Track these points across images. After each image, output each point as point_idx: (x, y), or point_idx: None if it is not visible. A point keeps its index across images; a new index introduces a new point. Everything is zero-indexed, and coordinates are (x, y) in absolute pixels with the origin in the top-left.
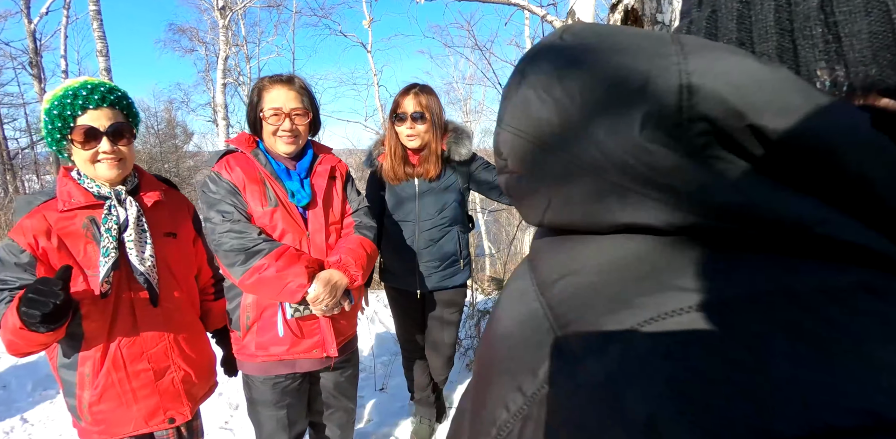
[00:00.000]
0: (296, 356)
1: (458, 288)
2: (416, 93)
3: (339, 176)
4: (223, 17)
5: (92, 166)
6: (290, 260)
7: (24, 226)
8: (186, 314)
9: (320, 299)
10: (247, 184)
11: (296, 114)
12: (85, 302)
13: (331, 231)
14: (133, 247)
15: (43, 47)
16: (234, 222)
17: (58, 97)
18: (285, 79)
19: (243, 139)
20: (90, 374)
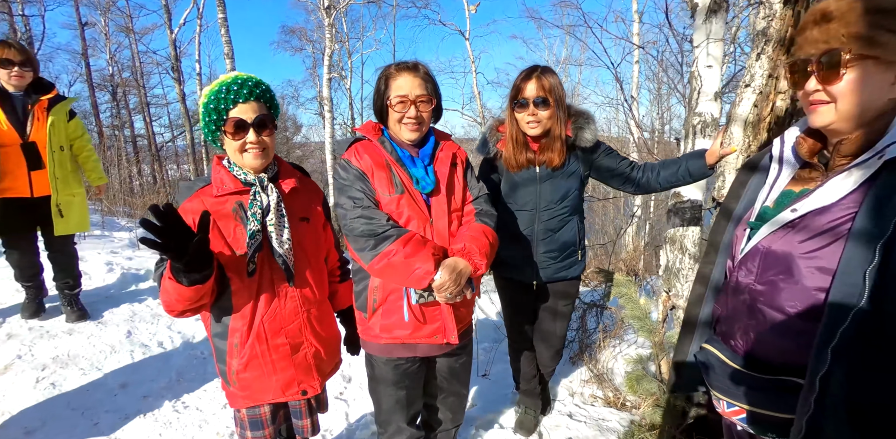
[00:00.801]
0: (417, 340)
1: (574, 280)
2: (538, 76)
3: (460, 162)
4: (328, 16)
5: (240, 155)
6: (417, 246)
7: (185, 208)
8: (318, 294)
9: (445, 286)
10: (374, 170)
11: (420, 101)
12: (234, 279)
13: (453, 218)
14: (273, 231)
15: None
16: (364, 208)
17: (213, 92)
18: (411, 65)
19: (370, 127)
20: (238, 345)
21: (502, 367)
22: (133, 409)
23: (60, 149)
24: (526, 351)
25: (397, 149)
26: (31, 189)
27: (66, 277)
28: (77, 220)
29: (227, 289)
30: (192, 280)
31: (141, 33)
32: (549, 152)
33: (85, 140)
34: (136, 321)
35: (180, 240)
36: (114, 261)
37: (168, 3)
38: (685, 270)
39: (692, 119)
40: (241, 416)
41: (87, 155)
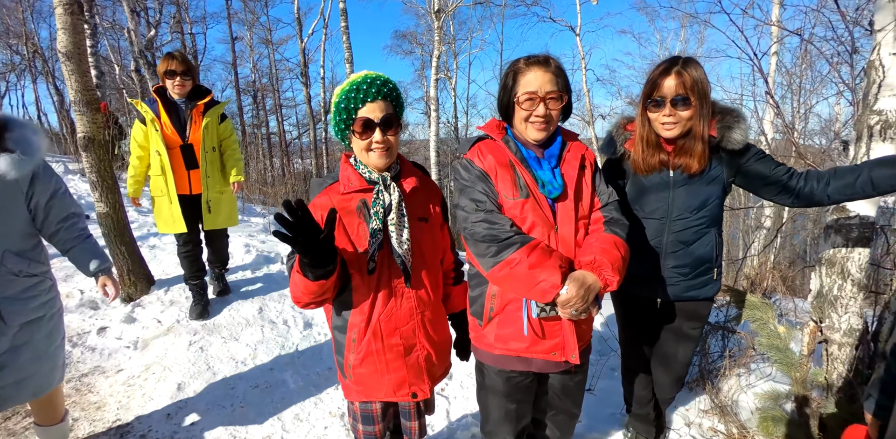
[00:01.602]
0: (534, 355)
1: (706, 301)
2: (678, 71)
3: (589, 165)
4: (437, 19)
5: (366, 154)
6: (542, 256)
7: (315, 204)
8: (433, 296)
9: (572, 302)
10: (498, 171)
11: (550, 98)
12: (355, 276)
13: (580, 226)
14: (394, 231)
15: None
16: (487, 212)
17: (344, 91)
18: (542, 59)
19: (493, 125)
20: (355, 340)
21: (609, 384)
22: (261, 380)
23: (212, 150)
24: (641, 374)
25: (522, 149)
26: (189, 186)
27: (217, 262)
28: (225, 216)
29: (348, 284)
30: (316, 275)
31: (277, 44)
32: (687, 156)
33: (232, 140)
34: (266, 299)
35: (308, 236)
36: (250, 244)
37: (300, 17)
38: (845, 299)
39: (868, 118)
40: (354, 408)
41: (231, 153)
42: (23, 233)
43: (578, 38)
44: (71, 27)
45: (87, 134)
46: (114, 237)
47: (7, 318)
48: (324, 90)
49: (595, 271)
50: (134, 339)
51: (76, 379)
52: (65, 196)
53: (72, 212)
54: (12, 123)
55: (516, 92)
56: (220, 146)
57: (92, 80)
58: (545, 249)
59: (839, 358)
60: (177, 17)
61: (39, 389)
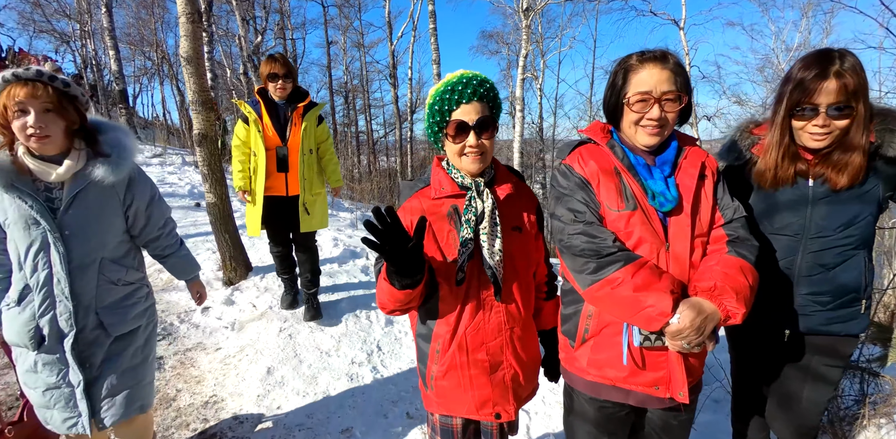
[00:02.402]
0: (632, 386)
1: (850, 337)
2: (838, 72)
3: (710, 174)
4: (525, 18)
5: (459, 158)
6: (650, 278)
7: (405, 208)
8: (523, 311)
9: (684, 334)
10: (601, 179)
11: (666, 100)
12: (443, 285)
13: (696, 244)
14: (486, 240)
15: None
16: (587, 224)
17: (438, 92)
18: (658, 55)
19: (597, 128)
20: (440, 351)
21: (713, 418)
22: (342, 372)
23: (310, 152)
24: (757, 417)
25: (630, 155)
26: (286, 188)
27: (306, 272)
28: (319, 218)
29: (436, 292)
30: (403, 284)
31: (368, 47)
32: (835, 169)
33: (329, 143)
34: (351, 292)
35: (396, 244)
36: (338, 238)
37: (391, 20)
38: None
39: None
40: (434, 420)
41: (330, 157)
42: (119, 240)
43: (682, 32)
44: (191, 34)
45: (202, 131)
46: (220, 225)
47: (109, 329)
48: (411, 91)
49: (715, 300)
50: (232, 321)
51: (181, 353)
52: (161, 201)
53: (168, 216)
54: (104, 126)
55: (626, 92)
56: (318, 149)
57: (208, 82)
58: (654, 269)
59: None
60: (280, 24)
61: (144, 402)
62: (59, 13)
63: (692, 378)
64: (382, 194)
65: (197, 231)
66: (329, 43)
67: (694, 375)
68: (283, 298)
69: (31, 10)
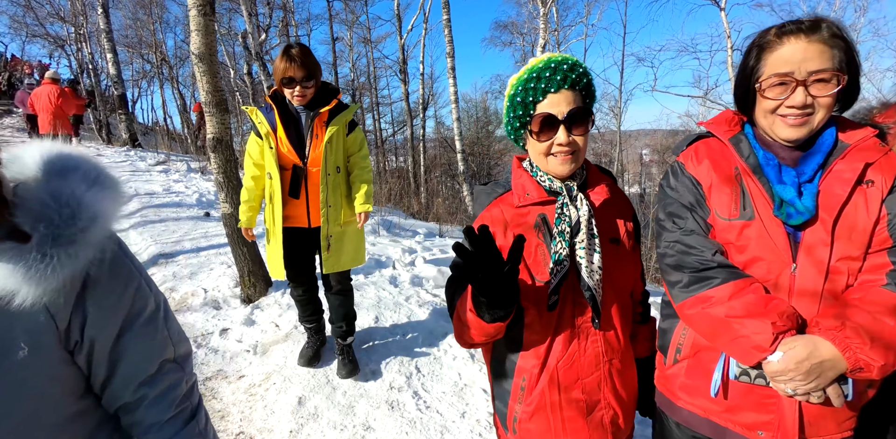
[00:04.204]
0: (728, 424)
1: None
2: None
3: (880, 180)
4: (543, 6)
5: (545, 159)
6: (753, 302)
7: (485, 219)
8: (622, 339)
9: (786, 377)
10: (714, 182)
11: (817, 81)
12: (530, 310)
13: (838, 270)
14: (583, 256)
15: (408, 56)
16: (685, 233)
17: (521, 81)
18: (806, 25)
19: (724, 119)
20: (525, 388)
21: None
22: (382, 399)
23: (336, 171)
24: None
25: (759, 152)
26: (308, 218)
27: (339, 320)
28: (351, 255)
29: (520, 319)
30: (495, 317)
31: (376, 42)
32: None
33: (362, 156)
34: (381, 308)
35: (490, 270)
36: None
37: (399, 13)
38: None
39: None
40: None
41: (359, 173)
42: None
43: (723, 12)
44: (203, 28)
45: (216, 134)
46: (237, 238)
47: None
48: (423, 86)
49: (839, 343)
50: (254, 343)
51: (200, 382)
52: (156, 325)
53: (166, 358)
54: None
55: (760, 74)
56: (348, 164)
57: (220, 81)
58: (760, 294)
59: None
60: (284, 21)
61: None
62: (53, 16)
63: (824, 435)
64: (395, 196)
65: (209, 243)
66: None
67: (826, 431)
68: (304, 352)
69: (23, 14)
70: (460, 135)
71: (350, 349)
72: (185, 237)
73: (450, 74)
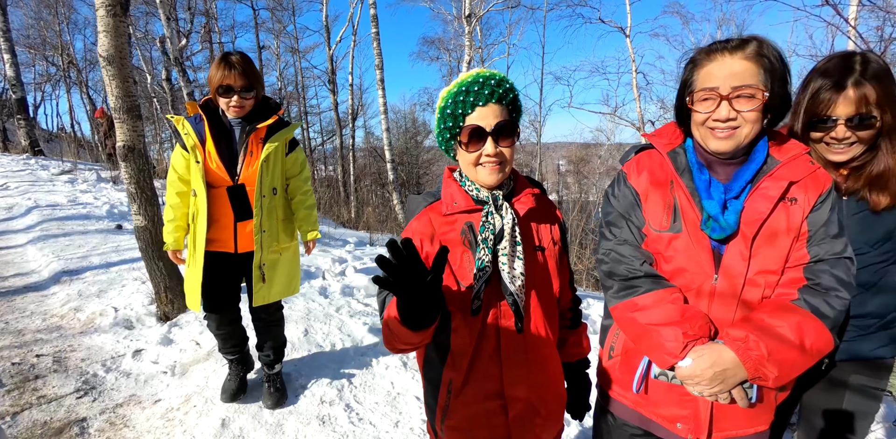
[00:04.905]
0: (652, 416)
1: (892, 360)
2: (857, 82)
3: (805, 199)
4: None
5: (474, 169)
6: (668, 313)
7: (413, 228)
8: (547, 345)
9: (694, 381)
10: (650, 193)
11: (739, 96)
12: (456, 315)
13: (757, 282)
14: (506, 262)
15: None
16: (619, 242)
17: (451, 94)
18: (734, 44)
19: (666, 132)
20: (452, 391)
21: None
22: (312, 414)
23: (272, 193)
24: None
25: (694, 166)
26: (235, 243)
27: (268, 349)
28: (283, 284)
29: (448, 324)
30: (419, 324)
31: (304, 52)
32: (873, 187)
33: (303, 178)
34: (311, 320)
35: (413, 281)
36: None
37: (328, 24)
38: None
39: None
40: None
41: (303, 198)
42: None
43: (629, 39)
44: (113, 30)
45: (128, 142)
46: (152, 252)
47: None
48: (352, 96)
49: (741, 354)
50: (171, 364)
51: (110, 410)
52: None
53: None
54: None
55: (692, 88)
56: (287, 187)
57: (133, 85)
58: (678, 303)
59: None
60: (206, 27)
61: None
62: None
63: (736, 429)
64: (325, 206)
65: (120, 258)
66: (261, 47)
67: (735, 426)
68: (226, 386)
69: None
70: (390, 145)
71: (278, 377)
72: (93, 252)
73: (379, 86)
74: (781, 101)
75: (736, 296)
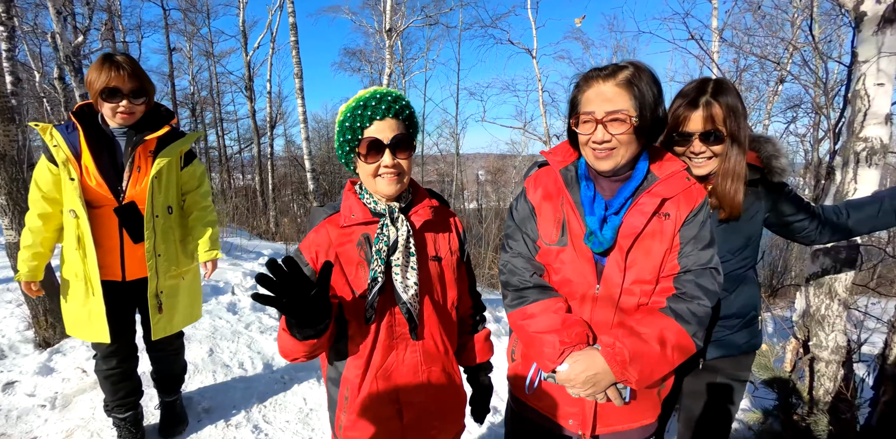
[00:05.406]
0: (547, 413)
1: (752, 354)
2: (707, 102)
3: (677, 214)
4: (388, 38)
5: (373, 180)
6: (551, 322)
7: (310, 240)
8: (442, 349)
9: (571, 384)
10: (543, 208)
11: (612, 120)
12: (352, 323)
13: (633, 292)
14: (399, 273)
15: (254, 74)
16: (513, 255)
17: (350, 109)
18: (607, 72)
19: (561, 150)
20: (348, 398)
21: None
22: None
23: (167, 212)
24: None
25: (582, 182)
26: (123, 270)
27: (166, 379)
28: (186, 312)
29: (346, 331)
30: (305, 335)
31: (219, 56)
32: (726, 197)
33: (201, 193)
34: (217, 338)
35: (296, 295)
36: None
37: (245, 30)
38: (832, 318)
39: (854, 145)
40: None
41: (201, 215)
42: None
43: (535, 60)
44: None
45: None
46: None
47: None
48: (270, 104)
49: (609, 360)
50: (51, 396)
51: None
52: None
53: None
54: None
55: (576, 112)
56: (184, 204)
57: (6, 85)
58: (561, 312)
59: (826, 375)
60: (108, 25)
61: None
62: None
63: (621, 425)
64: (241, 215)
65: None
66: (171, 49)
67: (619, 420)
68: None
69: None
70: (310, 155)
71: (177, 402)
72: None
73: (298, 95)
74: (653, 122)
75: (614, 305)
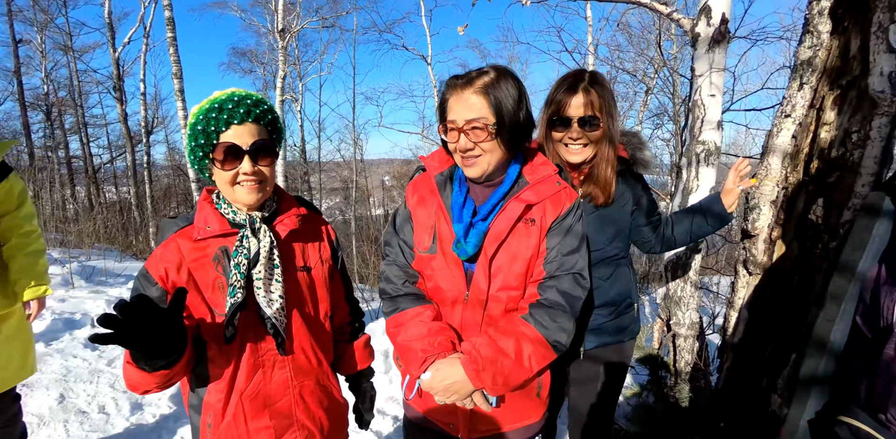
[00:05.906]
0: (432, 417)
1: (632, 341)
2: (585, 88)
3: (542, 220)
4: (282, 39)
5: (231, 188)
6: (419, 331)
7: (157, 257)
8: (315, 361)
9: (433, 391)
10: (419, 214)
11: (472, 128)
12: (211, 345)
13: (499, 298)
14: (261, 287)
15: (125, 73)
16: (388, 263)
17: (203, 111)
18: (463, 80)
19: (436, 157)
20: (212, 424)
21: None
22: None
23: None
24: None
25: (455, 189)
26: None
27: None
28: (15, 366)
29: (203, 354)
30: (155, 366)
31: (81, 51)
32: (597, 183)
33: (22, 216)
34: (70, 381)
35: (140, 328)
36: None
37: (112, 22)
38: (686, 298)
39: (695, 147)
40: None
41: (21, 242)
42: None
43: (430, 67)
44: None
45: None
46: None
47: None
48: (145, 108)
49: (465, 368)
50: None
51: None
52: None
53: None
54: None
55: (445, 119)
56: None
57: None
58: (428, 320)
59: (685, 349)
60: None
61: None
62: None
63: (498, 426)
64: (112, 234)
65: None
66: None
67: (500, 422)
68: None
69: None
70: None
71: None
72: None
73: (178, 97)
74: (515, 127)
75: (481, 311)
